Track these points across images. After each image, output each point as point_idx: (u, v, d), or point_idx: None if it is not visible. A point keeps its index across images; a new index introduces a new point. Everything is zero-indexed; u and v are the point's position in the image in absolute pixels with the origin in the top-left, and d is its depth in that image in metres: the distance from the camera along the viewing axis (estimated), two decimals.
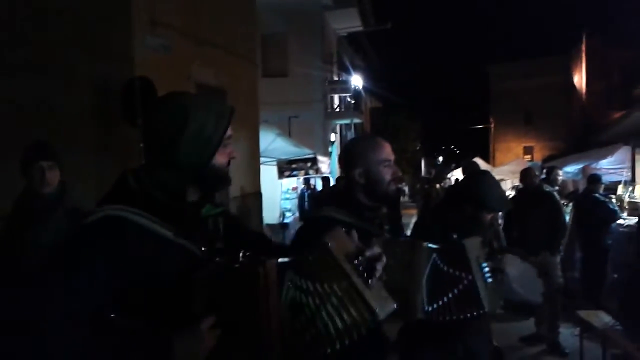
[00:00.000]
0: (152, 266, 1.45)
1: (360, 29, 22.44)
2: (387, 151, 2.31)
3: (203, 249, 1.58)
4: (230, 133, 1.65)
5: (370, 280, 1.51)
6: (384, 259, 1.58)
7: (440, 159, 63.29)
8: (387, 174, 2.26)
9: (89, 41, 6.56)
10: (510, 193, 11.82)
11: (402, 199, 35.51)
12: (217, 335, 1.43)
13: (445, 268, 2.18)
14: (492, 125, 41.29)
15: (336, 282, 1.48)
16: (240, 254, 1.49)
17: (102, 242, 1.41)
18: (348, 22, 21.16)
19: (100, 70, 6.40)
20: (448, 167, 41.99)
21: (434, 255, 2.17)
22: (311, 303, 1.47)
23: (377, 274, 1.54)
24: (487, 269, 2.24)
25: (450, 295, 2.15)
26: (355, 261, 1.51)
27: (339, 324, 1.46)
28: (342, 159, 2.42)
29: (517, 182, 15.70)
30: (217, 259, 1.54)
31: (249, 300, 1.43)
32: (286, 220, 14.30)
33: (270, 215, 13.57)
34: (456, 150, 65.60)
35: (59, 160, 3.19)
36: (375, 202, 2.28)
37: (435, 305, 2.15)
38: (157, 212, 1.50)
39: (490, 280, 2.23)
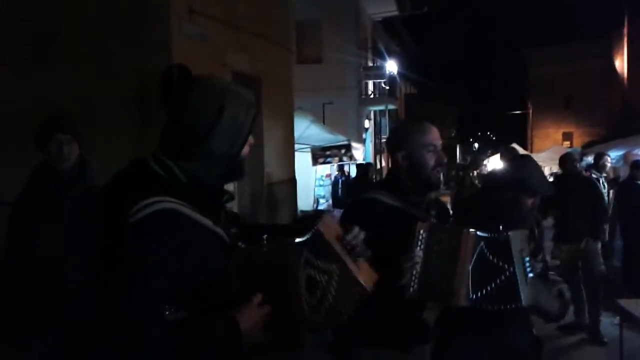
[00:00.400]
0: (202, 257, 1.46)
1: (396, 13, 22.19)
2: (433, 136, 2.28)
3: (229, 234, 1.61)
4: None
5: (358, 258, 1.74)
6: (362, 235, 1.78)
7: (476, 145, 62.42)
8: (430, 159, 2.24)
9: (126, 30, 6.67)
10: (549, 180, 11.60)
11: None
12: (264, 313, 1.49)
13: (491, 257, 2.15)
14: (530, 111, 40.46)
15: (333, 261, 1.68)
16: (264, 238, 1.55)
17: (165, 237, 1.39)
18: (383, 7, 20.95)
19: (138, 58, 6.50)
20: (484, 153, 41.36)
21: (482, 243, 2.14)
22: (322, 279, 1.66)
23: (360, 252, 1.77)
24: (528, 263, 2.20)
25: (493, 285, 2.14)
26: (344, 242, 1.73)
27: (344, 298, 1.68)
28: (389, 142, 2.43)
29: (555, 169, 15.38)
30: (240, 244, 1.60)
31: (282, 280, 1.52)
32: (320, 207, 14.34)
33: (304, 202, 13.62)
34: (492, 137, 64.51)
35: (77, 134, 2.87)
36: (418, 187, 2.27)
37: (479, 294, 2.13)
38: (193, 201, 1.48)
39: (531, 275, 2.20)
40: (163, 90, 1.63)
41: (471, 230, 2.14)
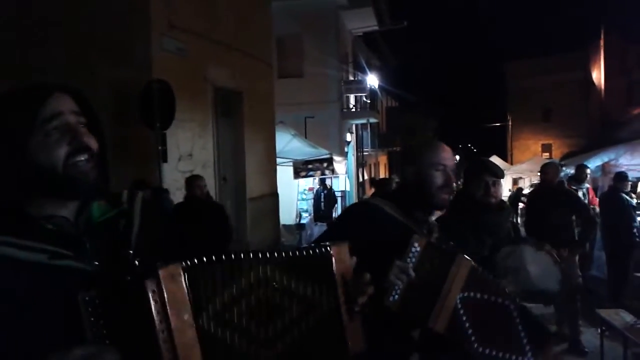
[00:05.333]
0: (23, 302, 1.14)
1: (376, 28, 22.39)
2: (443, 155, 2.21)
3: (97, 262, 1.23)
4: (60, 109, 1.25)
5: (356, 309, 1.36)
6: (371, 289, 1.44)
7: (457, 157, 62.91)
8: (438, 178, 2.17)
9: (108, 45, 6.66)
10: (527, 191, 11.72)
11: None
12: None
13: (480, 296, 2.04)
14: (510, 123, 40.96)
15: (321, 298, 1.30)
16: (136, 262, 1.23)
17: None
18: (363, 22, 21.12)
19: (119, 73, 6.49)
20: (465, 165, 41.62)
21: (473, 271, 2.03)
22: (294, 309, 1.27)
23: (362, 302, 1.39)
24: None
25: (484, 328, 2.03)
26: (350, 281, 1.34)
27: (313, 345, 1.28)
28: (400, 155, 2.40)
29: (535, 180, 15.57)
30: (111, 272, 1.22)
31: (141, 321, 1.13)
32: (302, 221, 14.32)
33: (287, 216, 13.60)
34: (473, 149, 65.13)
35: None
36: (422, 204, 2.20)
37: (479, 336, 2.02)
38: (25, 234, 1.17)
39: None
40: (143, 106, 1.56)
41: (467, 257, 2.02)
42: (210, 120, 8.35)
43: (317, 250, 1.31)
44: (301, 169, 13.90)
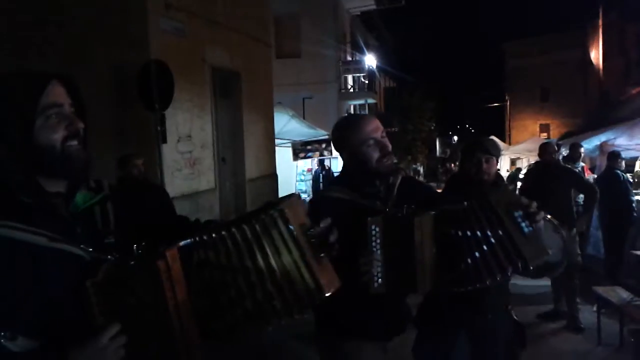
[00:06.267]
0: (29, 282, 1.26)
1: (374, 7, 22.25)
2: (369, 129, 2.22)
3: (90, 249, 1.35)
4: (55, 99, 1.37)
5: (322, 254, 1.42)
6: (336, 232, 1.50)
7: (456, 138, 62.85)
8: (373, 152, 2.20)
9: (105, 26, 6.62)
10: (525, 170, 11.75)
11: (417, 178, 35.43)
12: (122, 344, 1.28)
13: (459, 232, 1.97)
14: (508, 103, 40.86)
15: (285, 254, 1.37)
16: (135, 247, 1.34)
17: None
18: (361, 1, 20.99)
19: (117, 54, 6.47)
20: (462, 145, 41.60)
21: (441, 221, 2.01)
22: (241, 281, 1.36)
23: (330, 249, 1.46)
24: (521, 219, 1.91)
25: (469, 260, 1.95)
26: (309, 232, 1.41)
27: (277, 302, 1.36)
28: (332, 143, 2.42)
29: (533, 160, 15.56)
30: (110, 257, 1.35)
31: (154, 300, 1.28)
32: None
33: None
34: (471, 130, 65.05)
35: None
36: (369, 180, 2.24)
37: (455, 272, 1.97)
38: (21, 216, 1.28)
39: (528, 229, 1.90)
40: (141, 86, 1.59)
41: (425, 211, 2.01)
42: (208, 101, 8.33)
43: (272, 211, 1.37)
44: (300, 150, 13.92)
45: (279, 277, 1.35)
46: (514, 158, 27.15)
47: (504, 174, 19.01)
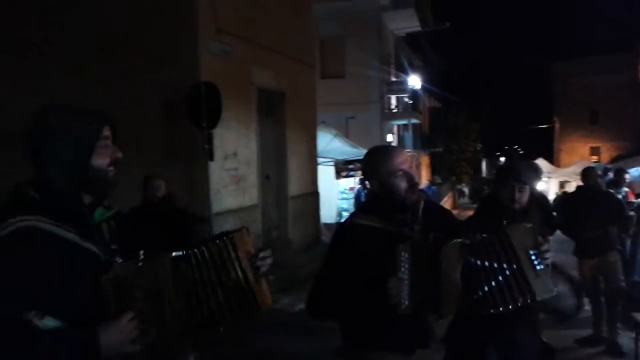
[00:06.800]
0: (65, 270, 1.56)
1: (419, 29, 22.34)
2: (398, 160, 2.35)
3: (105, 251, 1.70)
4: (107, 134, 1.73)
5: (261, 277, 1.83)
6: (270, 259, 1.88)
7: (502, 159, 61.72)
8: (401, 183, 2.32)
9: (157, 49, 6.97)
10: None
11: (461, 200, 34.89)
12: (136, 327, 1.62)
13: (479, 262, 2.16)
14: (557, 125, 40.04)
15: (232, 273, 1.77)
16: (142, 253, 1.69)
17: (18, 252, 1.51)
18: (406, 23, 21.12)
19: (168, 76, 6.79)
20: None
21: (464, 250, 2.17)
22: (200, 292, 1.75)
23: (264, 270, 1.86)
24: (534, 256, 2.16)
25: (486, 288, 2.15)
26: (252, 259, 1.82)
27: (226, 312, 1.76)
28: (362, 172, 2.55)
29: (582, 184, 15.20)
30: (118, 259, 1.70)
31: (155, 292, 1.68)
32: (343, 220, 14.42)
33: (327, 214, 13.77)
34: (519, 151, 63.78)
35: None
36: (396, 209, 2.36)
37: (474, 297, 2.16)
38: (56, 216, 1.59)
39: (540, 267, 2.16)
40: (190, 107, 1.84)
41: (452, 240, 2.17)
42: (254, 120, 8.59)
43: (225, 238, 1.80)
44: (342, 168, 14.05)
45: (228, 292, 1.76)
46: (562, 181, 26.54)
47: (551, 196, 18.59)
